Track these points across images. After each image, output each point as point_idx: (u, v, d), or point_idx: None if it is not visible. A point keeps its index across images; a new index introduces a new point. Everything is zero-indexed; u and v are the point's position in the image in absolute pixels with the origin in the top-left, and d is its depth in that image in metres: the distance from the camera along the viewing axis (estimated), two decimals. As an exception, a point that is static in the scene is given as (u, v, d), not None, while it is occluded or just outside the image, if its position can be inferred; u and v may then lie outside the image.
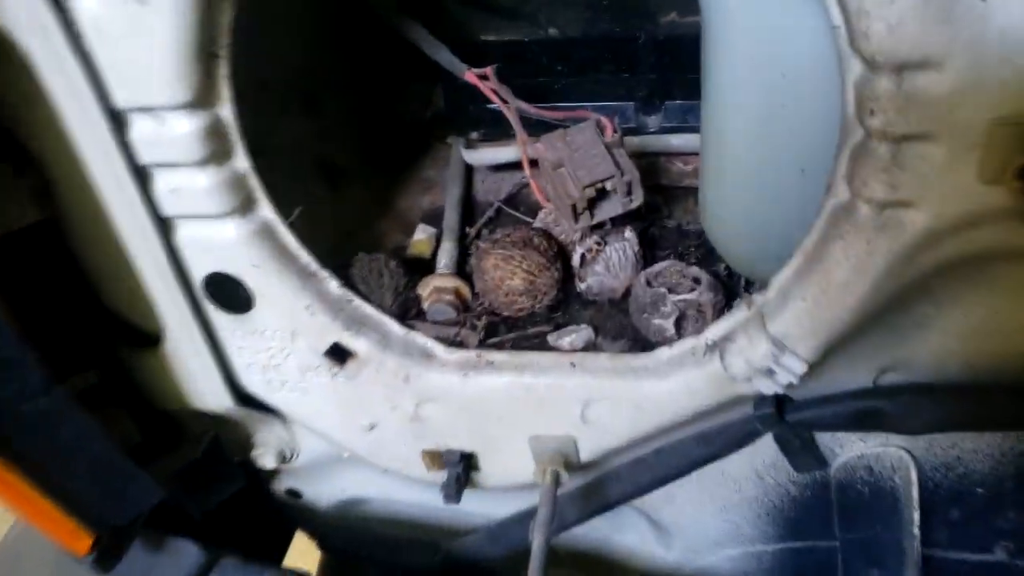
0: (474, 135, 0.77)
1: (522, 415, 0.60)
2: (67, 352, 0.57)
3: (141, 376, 0.63)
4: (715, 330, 0.55)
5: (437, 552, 0.77)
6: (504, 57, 0.68)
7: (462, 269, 0.70)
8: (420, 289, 0.66)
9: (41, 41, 0.47)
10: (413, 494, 0.76)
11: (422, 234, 0.72)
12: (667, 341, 0.58)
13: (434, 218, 0.76)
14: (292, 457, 0.73)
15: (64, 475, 0.54)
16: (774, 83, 0.49)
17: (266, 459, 0.71)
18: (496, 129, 0.76)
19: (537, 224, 0.71)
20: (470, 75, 0.63)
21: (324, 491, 0.80)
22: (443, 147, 0.83)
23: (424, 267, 0.70)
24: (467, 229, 0.74)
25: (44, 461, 0.52)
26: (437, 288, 0.65)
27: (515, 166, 0.75)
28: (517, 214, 0.75)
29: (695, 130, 0.67)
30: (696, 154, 0.70)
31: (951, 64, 0.37)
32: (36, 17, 0.45)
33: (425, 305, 0.65)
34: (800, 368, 0.52)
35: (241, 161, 0.53)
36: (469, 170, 0.79)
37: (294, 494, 0.80)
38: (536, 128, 0.67)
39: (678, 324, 0.59)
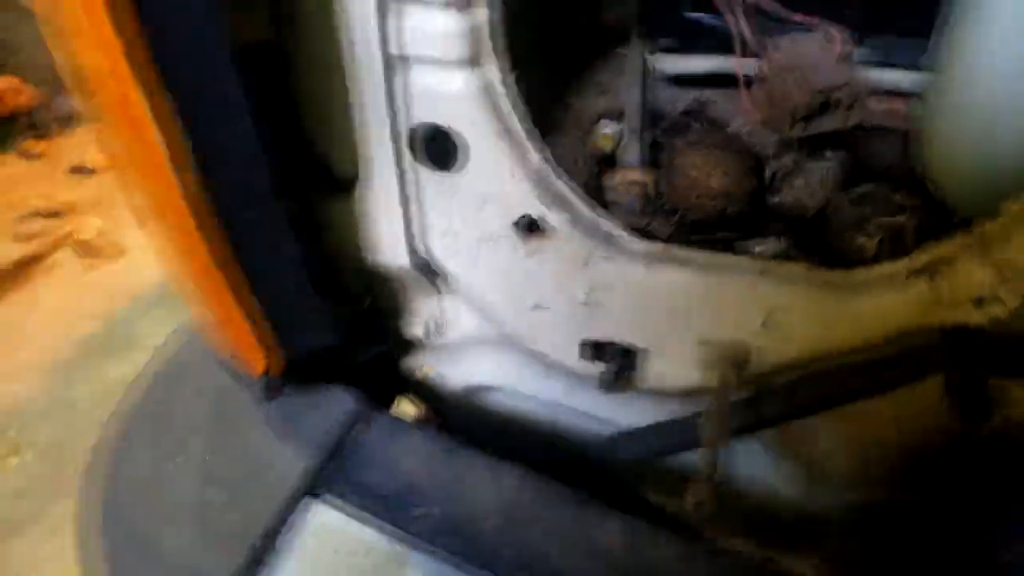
0: (664, 42, 0.76)
1: (700, 315, 0.60)
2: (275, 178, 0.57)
3: (324, 222, 0.64)
4: (926, 254, 0.54)
5: (556, 450, 0.77)
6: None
7: (646, 166, 0.69)
8: (607, 180, 0.66)
9: None
10: (540, 389, 0.77)
11: (607, 128, 0.71)
12: (865, 262, 0.58)
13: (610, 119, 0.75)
14: (436, 332, 0.73)
15: (266, 293, 0.54)
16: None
17: (415, 329, 0.72)
18: (684, 41, 0.75)
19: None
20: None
21: (453, 372, 0.80)
22: (615, 54, 0.82)
23: (605, 161, 0.69)
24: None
25: (255, 274, 0.53)
26: (629, 180, 0.64)
27: (695, 80, 0.74)
28: (697, 126, 0.74)
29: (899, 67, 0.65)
30: (900, 94, 0.68)
31: None
32: None
33: (613, 195, 0.65)
34: (1016, 301, 0.51)
35: (481, 13, 0.53)
36: (645, 79, 0.78)
37: (425, 372, 0.81)
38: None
39: (880, 245, 0.58)
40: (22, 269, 3.24)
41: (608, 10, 0.85)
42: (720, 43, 0.70)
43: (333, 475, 0.59)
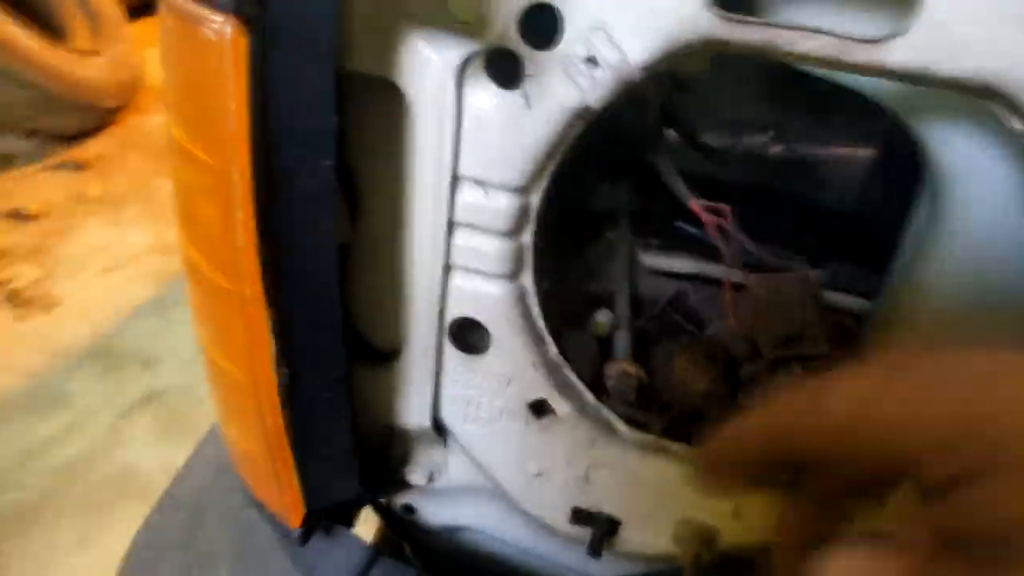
0: (654, 241, 0.89)
1: (681, 500, 0.70)
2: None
3: (360, 388, 0.72)
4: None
5: (530, 593, 0.85)
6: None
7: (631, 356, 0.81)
8: (607, 368, 0.76)
9: (433, 109, 0.57)
10: (521, 537, 0.85)
11: (603, 317, 0.82)
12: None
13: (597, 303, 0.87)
14: (436, 479, 0.82)
15: (315, 457, 0.62)
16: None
17: (416, 476, 0.80)
18: (666, 241, 0.88)
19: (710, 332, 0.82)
20: (695, 205, 0.75)
21: (439, 513, 0.88)
22: (603, 238, 0.95)
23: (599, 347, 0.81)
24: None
25: (309, 437, 0.61)
26: (625, 371, 0.75)
27: (678, 276, 0.87)
28: (678, 317, 0.86)
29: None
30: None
31: None
32: (440, 91, 0.56)
33: (609, 383, 0.75)
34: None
35: (527, 237, 0.64)
36: (633, 270, 0.90)
37: (409, 510, 0.89)
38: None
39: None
40: (-53, 313, 3.11)
41: (597, 196, 0.98)
42: (704, 249, 0.83)
43: (350, 621, 0.66)
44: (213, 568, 0.67)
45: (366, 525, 1.04)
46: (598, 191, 0.95)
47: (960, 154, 0.56)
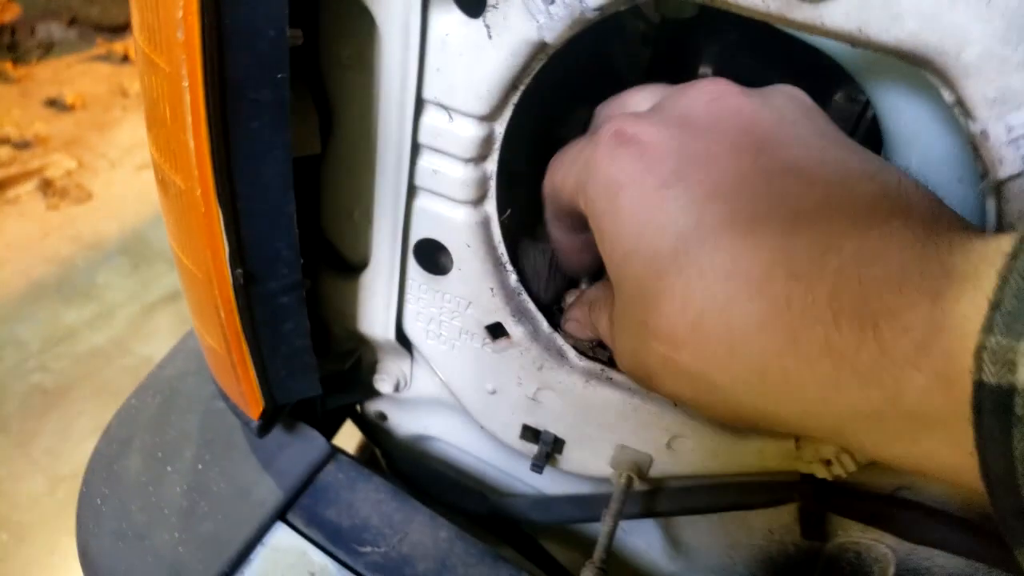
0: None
1: (620, 427, 0.74)
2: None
3: (329, 295, 0.76)
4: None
5: (485, 502, 0.91)
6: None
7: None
8: (567, 296, 0.80)
9: (399, 31, 0.59)
10: (484, 450, 0.91)
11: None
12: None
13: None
14: (402, 388, 0.86)
15: (273, 354, 0.67)
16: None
17: (384, 385, 0.85)
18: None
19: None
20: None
21: (408, 422, 0.93)
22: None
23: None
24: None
25: (266, 341, 0.65)
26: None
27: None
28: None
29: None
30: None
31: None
32: (405, 15, 0.58)
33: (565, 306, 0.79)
34: (852, 468, 0.66)
35: (492, 165, 0.66)
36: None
37: (382, 416, 0.94)
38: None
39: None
40: (-17, 194, 3.21)
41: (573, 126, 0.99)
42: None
43: (301, 507, 0.71)
44: (180, 451, 0.73)
45: (353, 440, 1.10)
46: (575, 121, 0.96)
47: (908, 122, 0.57)
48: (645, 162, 0.49)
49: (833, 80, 0.71)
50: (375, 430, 0.96)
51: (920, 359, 0.34)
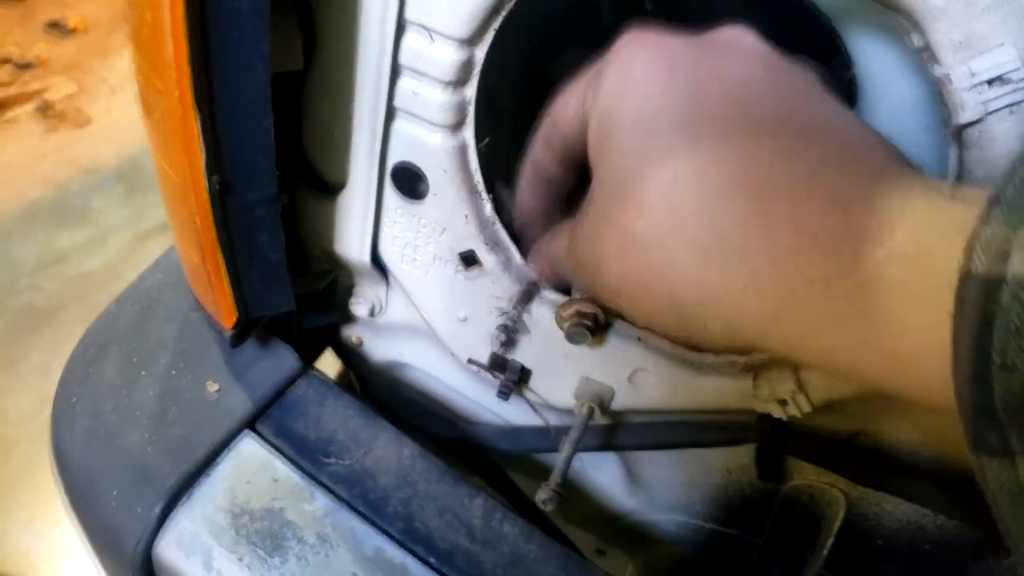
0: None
1: (584, 359, 0.76)
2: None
3: (307, 215, 0.77)
4: (755, 359, 0.71)
5: (453, 428, 0.93)
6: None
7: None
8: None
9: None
10: (456, 378, 0.93)
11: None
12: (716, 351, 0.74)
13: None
14: (377, 313, 0.88)
15: (247, 265, 0.68)
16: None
17: (360, 309, 0.86)
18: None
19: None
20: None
21: (382, 348, 0.95)
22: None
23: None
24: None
25: (241, 251, 0.66)
26: (557, 238, 0.80)
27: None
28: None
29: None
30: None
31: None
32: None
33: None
34: (807, 408, 0.68)
35: (471, 91, 0.67)
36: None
37: (358, 341, 0.96)
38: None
39: (729, 341, 0.75)
40: (-19, 113, 3.19)
41: (556, 61, 0.99)
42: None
43: (269, 418, 0.74)
44: (154, 358, 0.74)
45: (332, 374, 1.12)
46: (559, 56, 0.96)
47: (880, 69, 0.58)
48: (662, 55, 0.48)
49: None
50: (351, 355, 0.98)
51: (884, 236, 0.35)
